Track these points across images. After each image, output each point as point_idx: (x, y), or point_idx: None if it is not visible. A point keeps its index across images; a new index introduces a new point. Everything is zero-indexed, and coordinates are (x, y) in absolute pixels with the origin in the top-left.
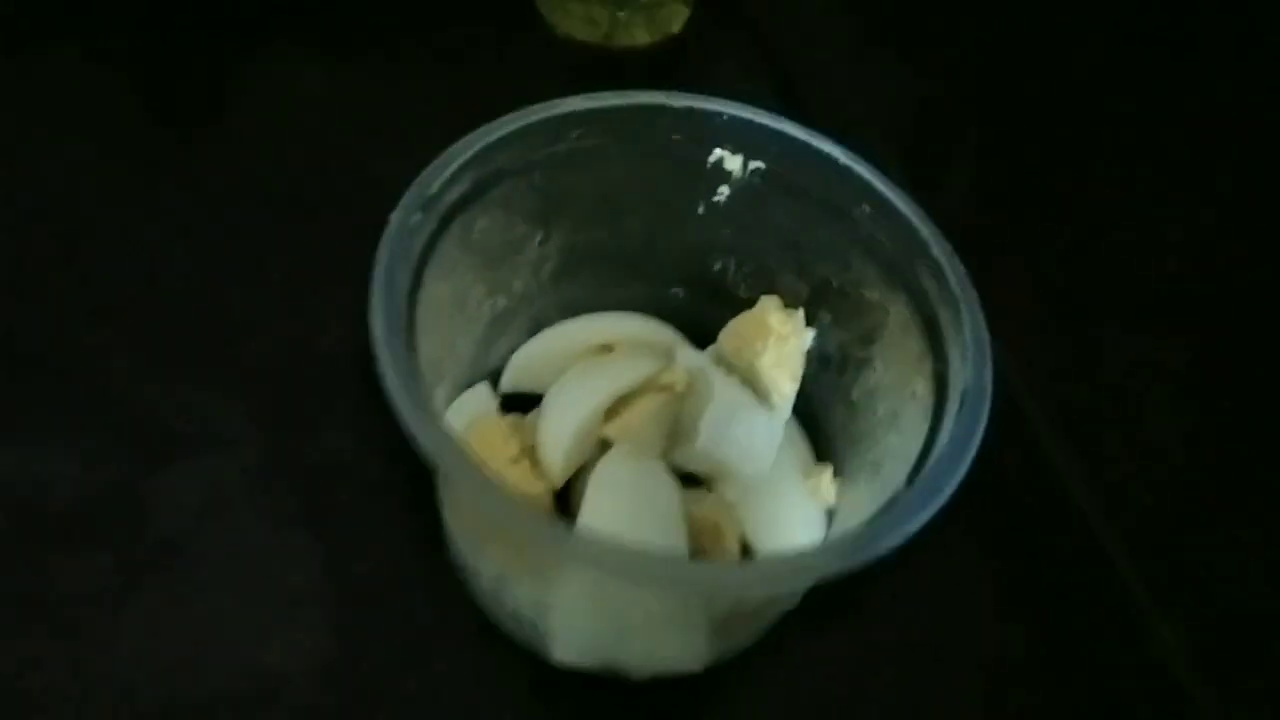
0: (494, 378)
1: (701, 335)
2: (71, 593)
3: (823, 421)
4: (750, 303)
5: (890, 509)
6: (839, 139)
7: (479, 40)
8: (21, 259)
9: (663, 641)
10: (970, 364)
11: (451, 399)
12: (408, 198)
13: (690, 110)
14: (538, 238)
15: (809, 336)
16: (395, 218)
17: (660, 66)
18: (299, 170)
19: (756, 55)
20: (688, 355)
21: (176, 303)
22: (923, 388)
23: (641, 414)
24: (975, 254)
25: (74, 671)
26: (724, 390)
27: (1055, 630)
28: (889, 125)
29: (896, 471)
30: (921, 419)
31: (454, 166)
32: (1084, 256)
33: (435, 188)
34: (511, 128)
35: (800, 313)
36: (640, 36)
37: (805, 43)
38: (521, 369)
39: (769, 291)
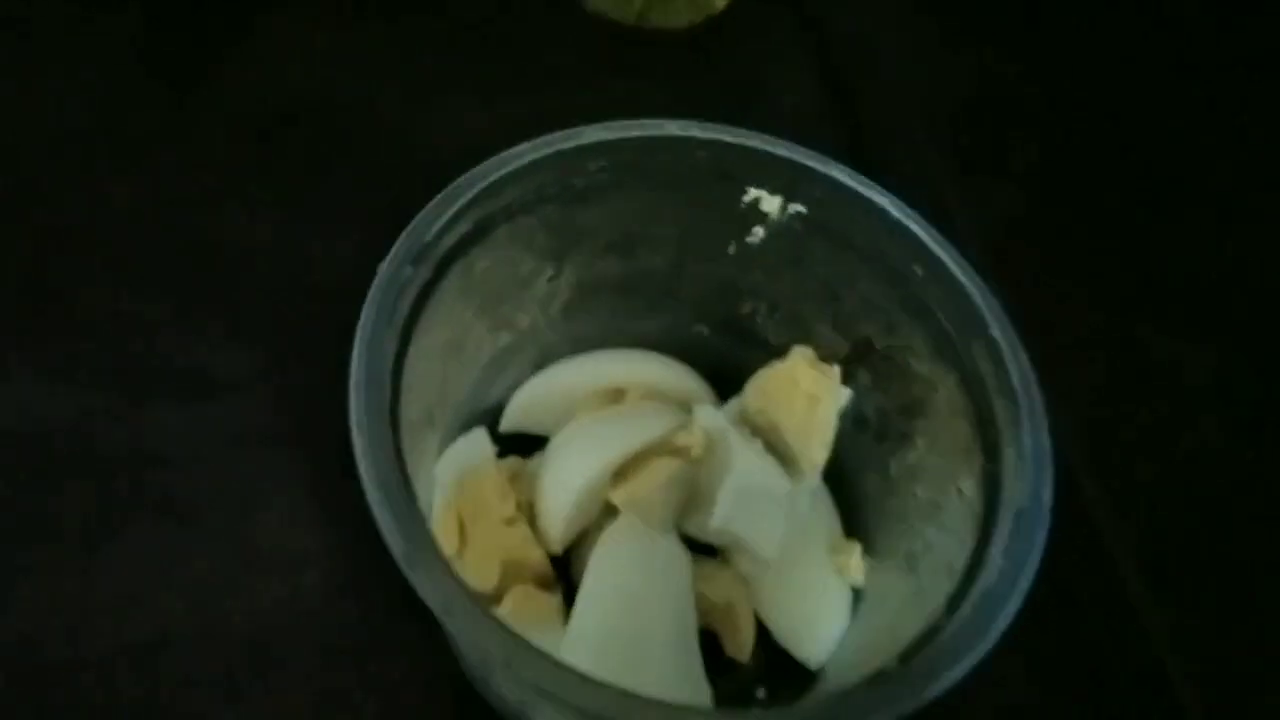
0: (494, 414)
1: (726, 380)
2: (60, 527)
3: (854, 489)
4: (781, 351)
5: (929, 647)
6: (884, 145)
7: (505, 10)
8: (31, 200)
9: None
10: (1028, 479)
11: (445, 445)
12: (398, 249)
13: (725, 145)
14: (548, 273)
15: (844, 397)
16: (384, 272)
17: (696, 47)
18: (307, 123)
19: (800, 37)
20: (707, 414)
21: (180, 246)
22: (970, 487)
23: (652, 481)
24: (1021, 256)
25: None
26: (745, 459)
27: None
28: (939, 110)
29: (936, 579)
30: (967, 526)
31: (453, 209)
32: (1142, 262)
33: (431, 234)
34: (521, 162)
35: (836, 370)
36: (680, 16)
37: (853, 22)
38: (524, 408)
39: (802, 342)
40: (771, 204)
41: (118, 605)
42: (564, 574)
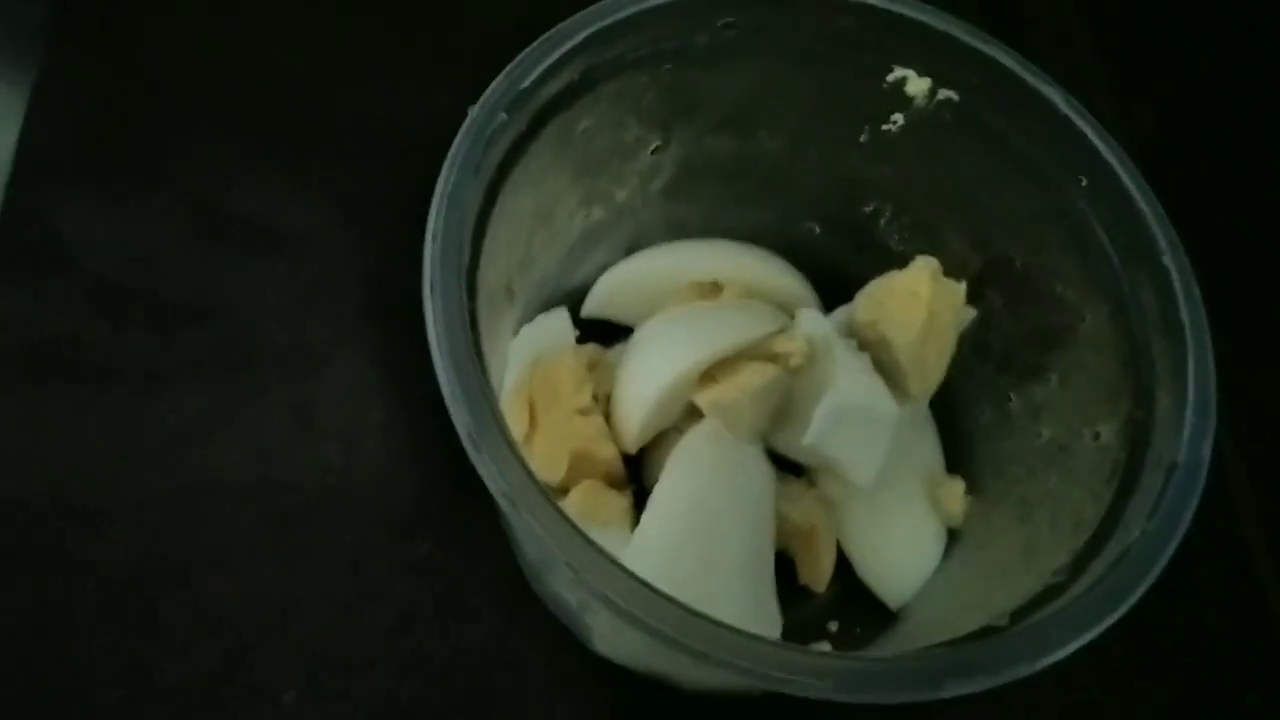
0: (578, 297)
1: (832, 286)
2: (120, 367)
3: (963, 423)
4: (902, 260)
5: (1050, 605)
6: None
7: None
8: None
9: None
10: (1188, 430)
11: (522, 323)
12: (493, 93)
13: (873, 9)
14: (653, 144)
15: (968, 316)
16: (473, 117)
17: None
18: None
19: None
20: (811, 320)
21: (260, 90)
22: (1111, 434)
23: (744, 387)
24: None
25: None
26: (849, 374)
27: None
28: (1101, 30)
29: (1056, 534)
30: (1102, 477)
31: (558, 53)
32: None
33: (530, 80)
34: (640, 7)
35: (962, 286)
36: None
37: None
38: (610, 294)
39: (929, 251)
40: (918, 86)
41: (169, 449)
42: (635, 476)
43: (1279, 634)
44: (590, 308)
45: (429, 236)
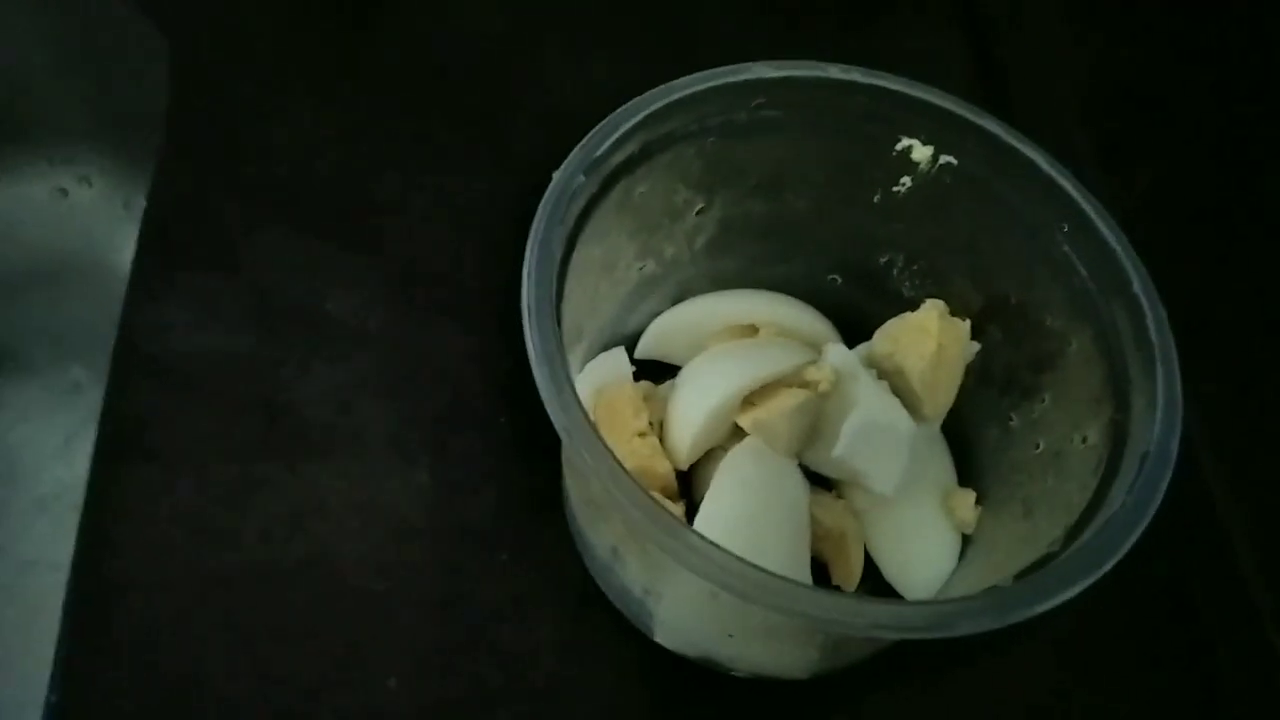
0: (631, 342)
1: (853, 328)
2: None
3: (972, 441)
4: (913, 304)
5: (1045, 567)
6: (1034, 120)
7: None
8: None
9: (772, 649)
10: (1158, 425)
11: (587, 360)
12: (572, 159)
13: (884, 91)
14: (698, 206)
15: (973, 350)
16: (557, 179)
17: (847, 19)
18: (463, 67)
19: (957, 14)
20: (837, 352)
21: (330, 191)
22: (1096, 435)
23: (781, 408)
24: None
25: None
26: (871, 397)
27: (1188, 699)
28: (1087, 105)
29: (1052, 520)
30: (1089, 469)
31: (625, 128)
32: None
33: (602, 150)
34: (690, 90)
35: (967, 324)
36: None
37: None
38: (661, 337)
39: (936, 295)
40: (922, 153)
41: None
42: (685, 491)
43: (1246, 591)
44: (643, 349)
45: (525, 273)
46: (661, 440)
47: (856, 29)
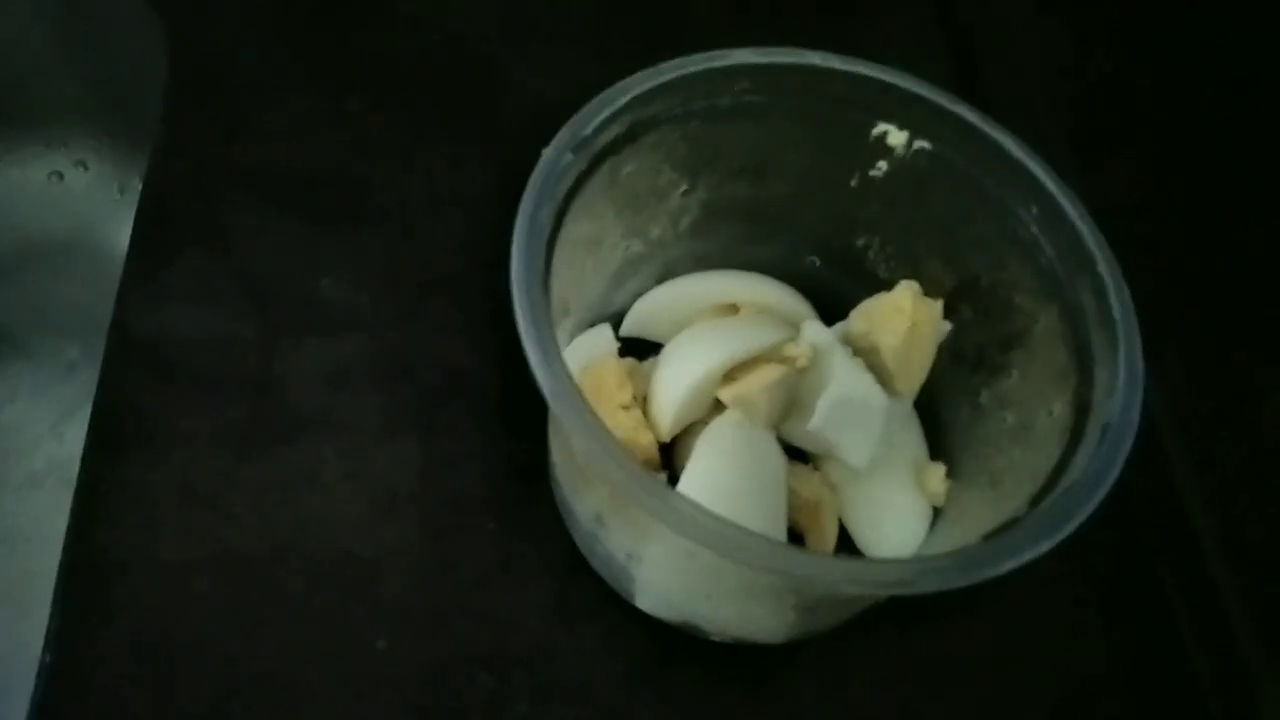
0: (616, 320)
1: (831, 309)
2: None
3: (943, 417)
4: (888, 284)
5: (1011, 529)
6: (1008, 114)
7: None
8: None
9: (748, 612)
10: (1119, 396)
11: (574, 335)
12: (561, 137)
13: (861, 78)
14: (682, 188)
15: (945, 329)
16: (546, 156)
17: (827, 13)
18: (442, 63)
19: (934, 13)
20: (814, 330)
21: (323, 175)
22: (1061, 408)
23: (759, 383)
24: (1127, 247)
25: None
26: (846, 372)
27: (1148, 662)
28: (1062, 100)
29: (1019, 489)
30: (1054, 440)
31: (612, 109)
32: (1250, 275)
33: (590, 129)
34: (675, 74)
35: (939, 304)
36: None
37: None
38: (645, 315)
39: (911, 276)
40: (898, 138)
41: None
42: (667, 463)
43: (1200, 551)
44: (628, 327)
45: (514, 245)
46: (645, 414)
47: (836, 19)
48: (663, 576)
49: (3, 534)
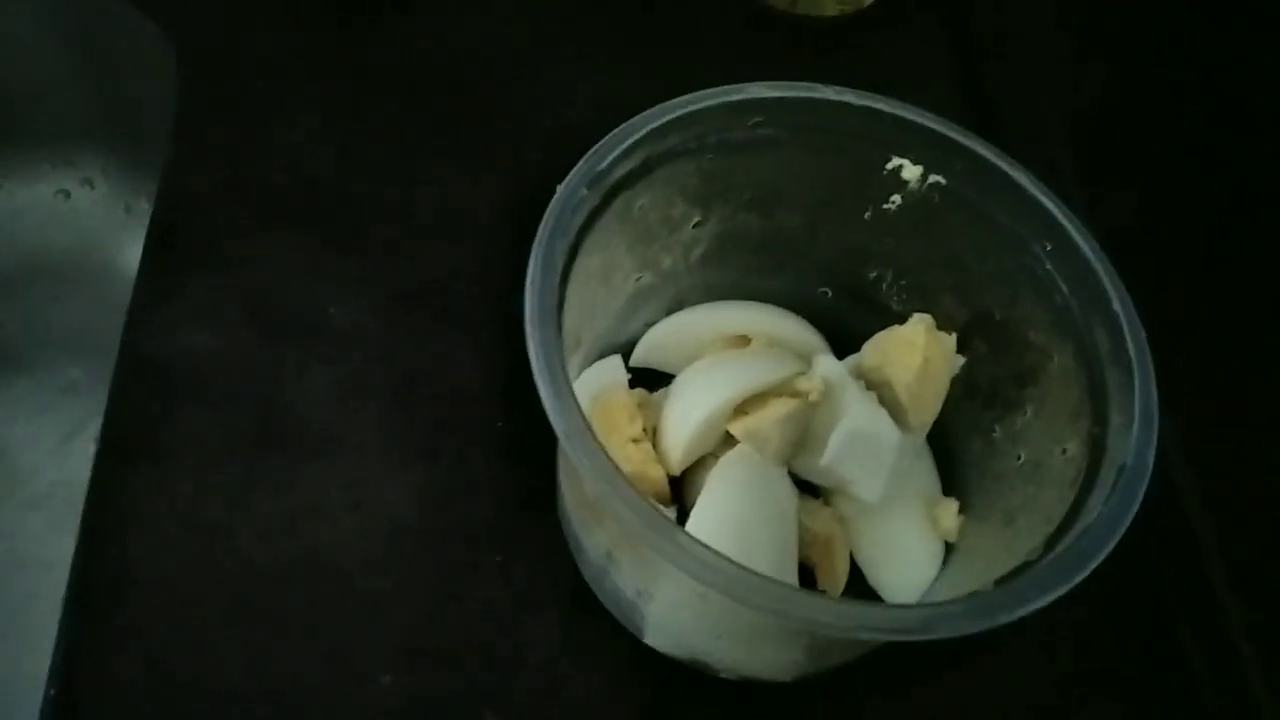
0: (626, 350)
1: (842, 341)
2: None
3: (955, 452)
4: (901, 317)
5: (1025, 573)
6: (1017, 144)
7: None
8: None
9: (758, 651)
10: (1135, 439)
11: (584, 367)
12: (577, 173)
13: (875, 112)
14: (694, 219)
15: (958, 364)
16: (562, 192)
17: (840, 38)
18: (450, 82)
19: (944, 36)
20: (827, 363)
21: (333, 196)
22: (1075, 447)
23: (771, 417)
24: (1135, 274)
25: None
26: (859, 407)
27: (1162, 709)
28: (1073, 127)
29: (1033, 529)
30: (1068, 480)
31: (628, 143)
32: (1261, 306)
33: (606, 163)
34: (690, 108)
35: (953, 338)
36: (828, 7)
37: (996, 33)
38: (655, 346)
39: (923, 309)
40: (912, 173)
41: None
42: (677, 496)
43: (1214, 591)
44: (638, 357)
45: (529, 282)
46: (655, 446)
47: (846, 48)
48: (673, 615)
49: (5, 556)
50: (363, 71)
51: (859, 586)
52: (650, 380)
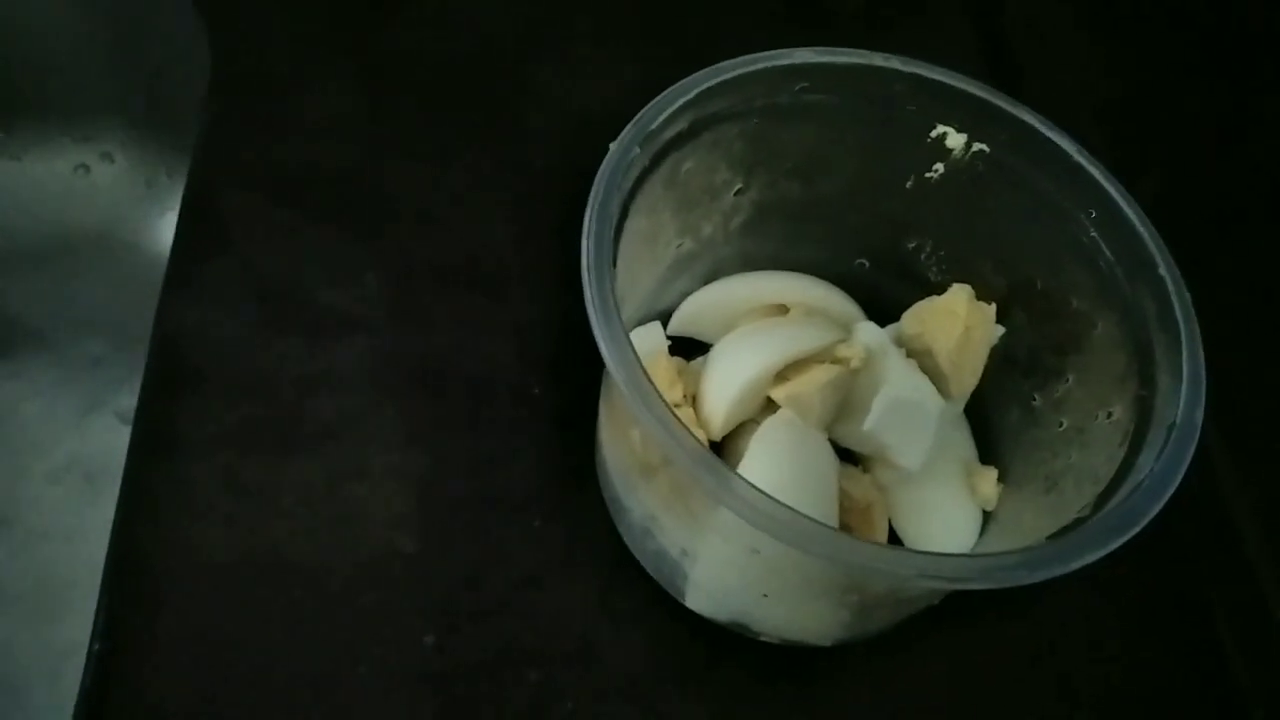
0: (663, 319)
1: (880, 312)
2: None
3: (994, 421)
4: (939, 288)
5: (1079, 528)
6: (1048, 119)
7: None
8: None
9: (800, 612)
10: (1184, 400)
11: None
12: (629, 132)
13: (921, 79)
14: (736, 186)
15: (998, 333)
16: (615, 150)
17: (868, 20)
18: (476, 64)
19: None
20: (868, 331)
21: (361, 178)
22: (1120, 411)
23: (813, 383)
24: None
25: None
26: (900, 374)
27: (1194, 674)
28: (1101, 97)
29: (1079, 492)
30: (1115, 442)
31: (677, 104)
32: None
33: (656, 124)
34: (738, 72)
35: (993, 307)
36: None
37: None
38: (693, 314)
39: (962, 279)
40: (957, 140)
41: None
42: None
43: (1250, 568)
44: (674, 327)
45: (584, 235)
46: (695, 412)
47: (875, 33)
48: (718, 574)
49: (25, 529)
50: (395, 50)
51: None
52: (685, 350)
